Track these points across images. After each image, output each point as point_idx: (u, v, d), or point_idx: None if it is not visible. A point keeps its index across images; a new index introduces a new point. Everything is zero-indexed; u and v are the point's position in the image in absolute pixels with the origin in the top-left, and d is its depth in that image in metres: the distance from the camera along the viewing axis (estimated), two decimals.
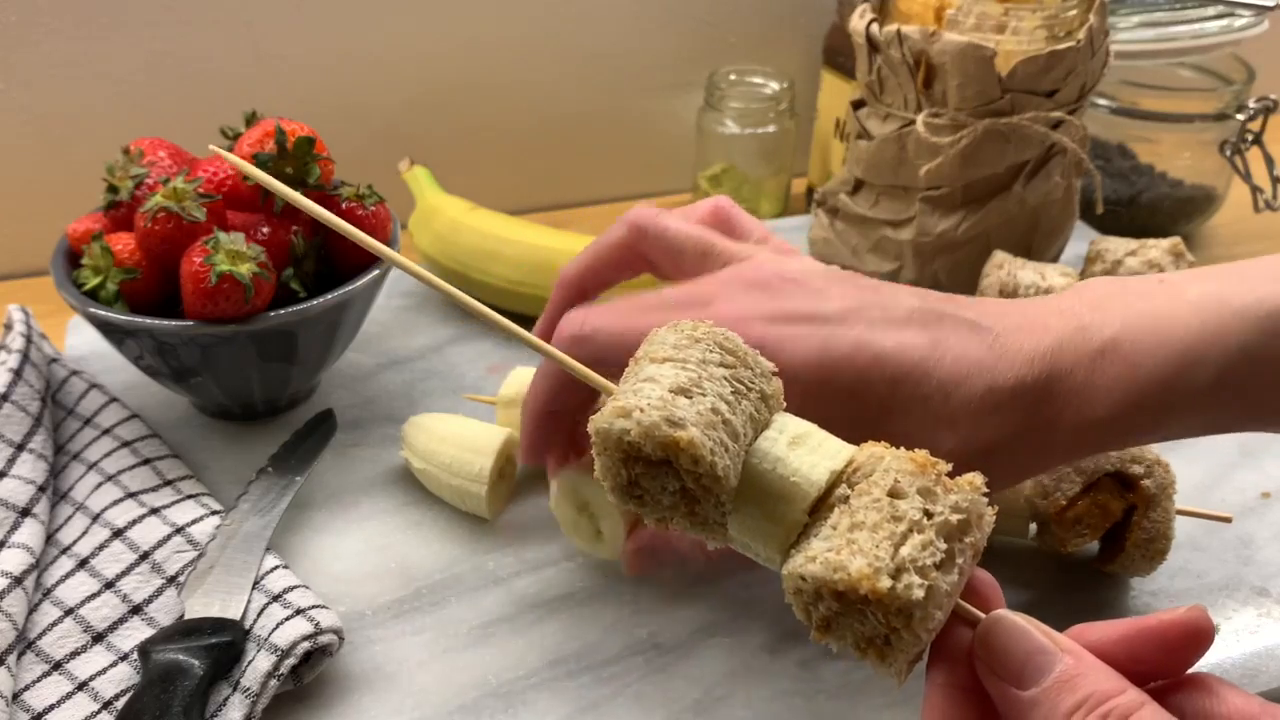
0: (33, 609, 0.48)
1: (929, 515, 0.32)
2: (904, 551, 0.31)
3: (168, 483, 0.54)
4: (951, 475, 0.33)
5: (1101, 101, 0.81)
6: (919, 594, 0.30)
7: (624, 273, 0.49)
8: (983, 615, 0.33)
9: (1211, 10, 0.78)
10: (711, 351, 0.35)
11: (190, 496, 0.53)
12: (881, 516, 0.32)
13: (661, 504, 0.34)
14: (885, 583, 0.30)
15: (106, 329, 0.54)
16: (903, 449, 0.33)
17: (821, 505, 0.33)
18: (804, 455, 0.34)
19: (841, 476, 0.33)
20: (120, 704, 0.44)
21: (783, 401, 0.36)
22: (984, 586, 0.34)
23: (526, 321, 0.70)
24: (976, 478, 0.33)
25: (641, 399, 0.33)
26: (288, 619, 0.45)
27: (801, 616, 0.33)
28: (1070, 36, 0.63)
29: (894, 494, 0.32)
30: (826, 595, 0.32)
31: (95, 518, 0.52)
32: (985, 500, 0.33)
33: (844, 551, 0.31)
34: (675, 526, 0.34)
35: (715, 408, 0.33)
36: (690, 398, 0.33)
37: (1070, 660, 0.31)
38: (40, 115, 0.75)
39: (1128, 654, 0.32)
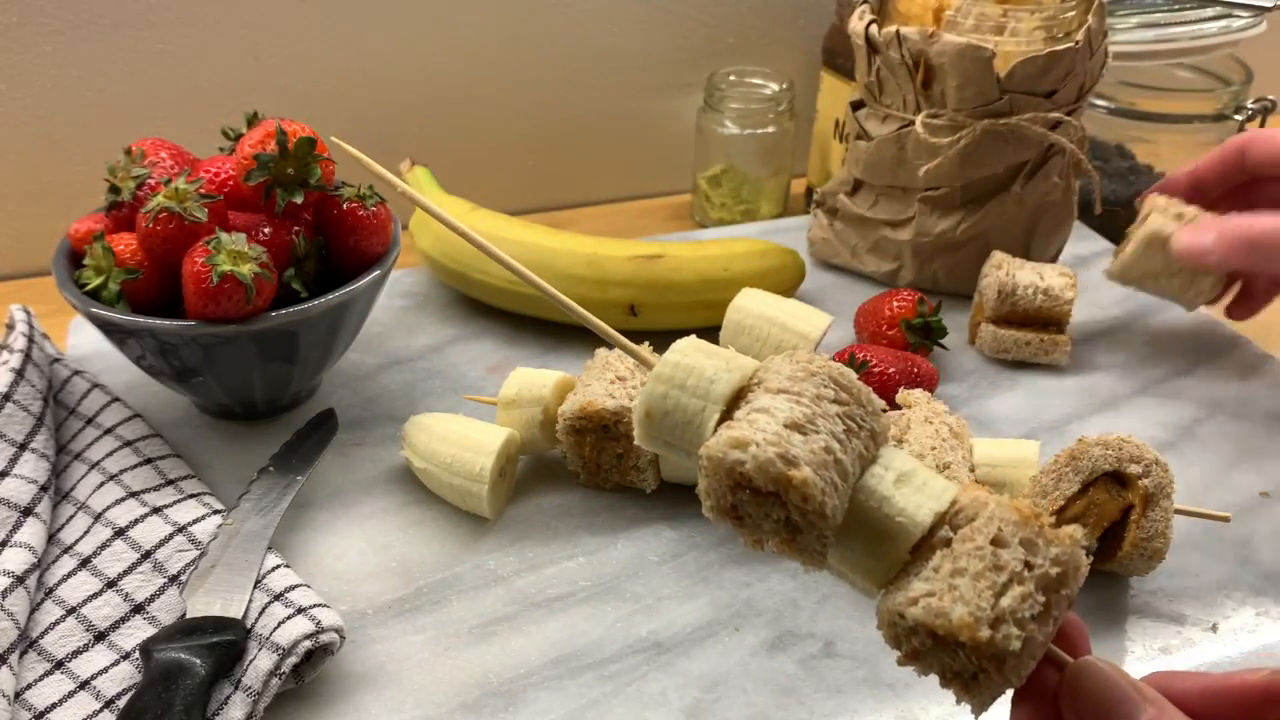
0: (35, 608, 0.48)
1: (1030, 566, 0.32)
2: (1004, 602, 0.31)
3: (169, 482, 0.54)
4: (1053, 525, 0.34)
5: (1100, 102, 0.82)
6: (1016, 645, 0.31)
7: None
8: (1070, 660, 0.34)
9: (1210, 11, 0.79)
10: (826, 387, 0.35)
11: (192, 496, 0.53)
12: (984, 565, 0.32)
13: (761, 528, 0.34)
14: (985, 633, 0.31)
15: (108, 329, 0.54)
16: (1006, 496, 0.34)
17: (923, 545, 0.34)
18: (909, 495, 0.34)
19: (944, 518, 0.34)
20: (122, 703, 0.44)
21: (889, 438, 0.36)
22: (1072, 630, 0.34)
23: (527, 321, 0.70)
24: (1076, 530, 0.33)
25: (757, 431, 0.33)
26: (289, 618, 0.45)
27: (890, 644, 0.34)
28: (1069, 37, 0.63)
29: (997, 542, 0.33)
30: (922, 633, 0.32)
31: (97, 517, 0.52)
32: (1084, 553, 0.33)
33: (946, 597, 0.32)
34: (772, 550, 0.35)
35: (828, 446, 0.33)
36: (804, 434, 0.33)
37: (1153, 711, 0.32)
38: (42, 115, 0.75)
39: (1209, 709, 0.33)
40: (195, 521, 0.51)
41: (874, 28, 0.65)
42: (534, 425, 0.57)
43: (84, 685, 0.45)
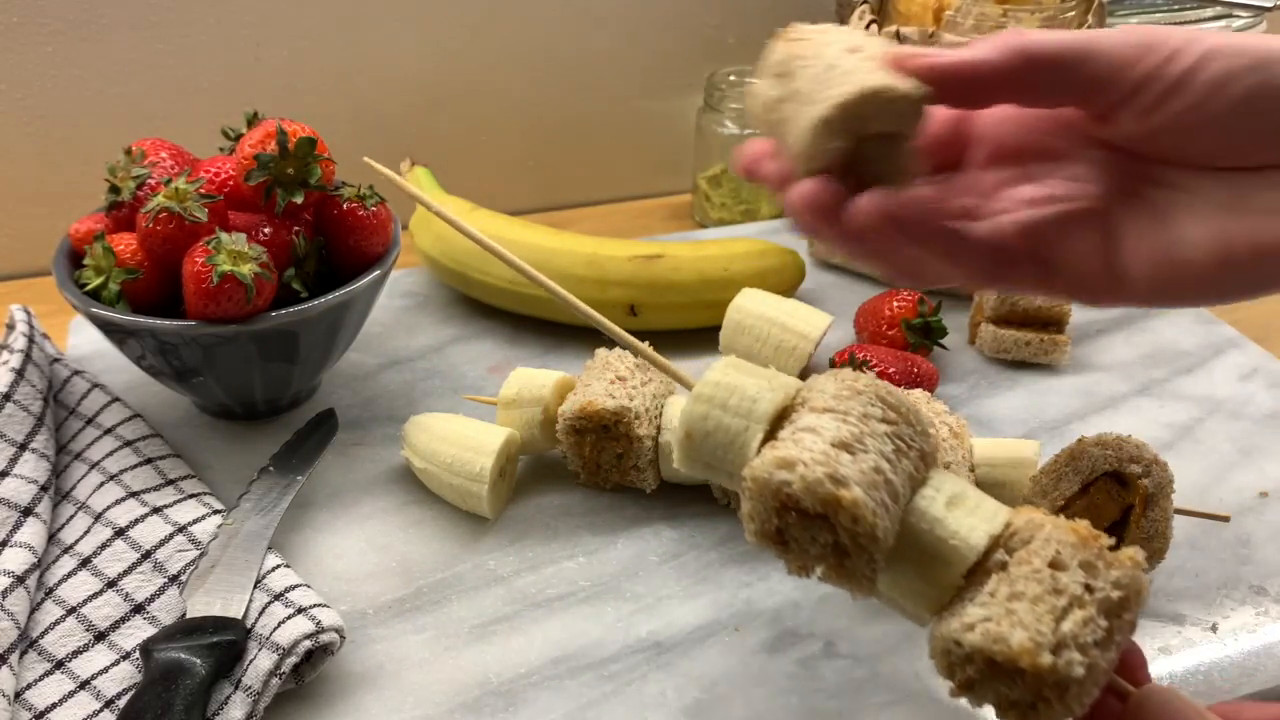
0: (35, 608, 0.48)
1: (1090, 590, 0.31)
2: (1065, 627, 0.30)
3: (169, 482, 0.54)
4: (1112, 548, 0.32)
5: None
6: (1079, 671, 0.30)
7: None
8: (1133, 689, 0.32)
9: (1209, 11, 0.79)
10: (873, 405, 0.34)
11: (192, 496, 0.53)
12: (1043, 588, 0.31)
13: (808, 553, 0.33)
14: (1047, 658, 0.30)
15: (108, 329, 0.54)
16: (1062, 518, 0.33)
17: (977, 569, 0.33)
18: (962, 517, 0.33)
19: (999, 541, 0.33)
20: (122, 703, 0.44)
21: (938, 459, 0.35)
22: (1132, 657, 0.33)
23: (527, 321, 0.70)
24: (1137, 553, 0.32)
25: (803, 451, 0.32)
26: (289, 618, 0.45)
27: (943, 674, 0.32)
28: None
29: (1055, 565, 0.31)
30: (978, 660, 0.31)
31: (97, 517, 0.52)
32: (1146, 576, 0.32)
33: (1004, 622, 0.30)
34: (819, 576, 0.34)
35: (878, 466, 0.32)
36: (853, 454, 0.32)
37: None
38: (42, 115, 0.75)
39: None
40: (195, 521, 0.51)
41: (874, 27, 0.65)
42: (534, 425, 0.57)
43: (84, 685, 0.45)
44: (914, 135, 0.36)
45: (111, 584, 0.49)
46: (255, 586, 0.48)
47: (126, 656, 0.46)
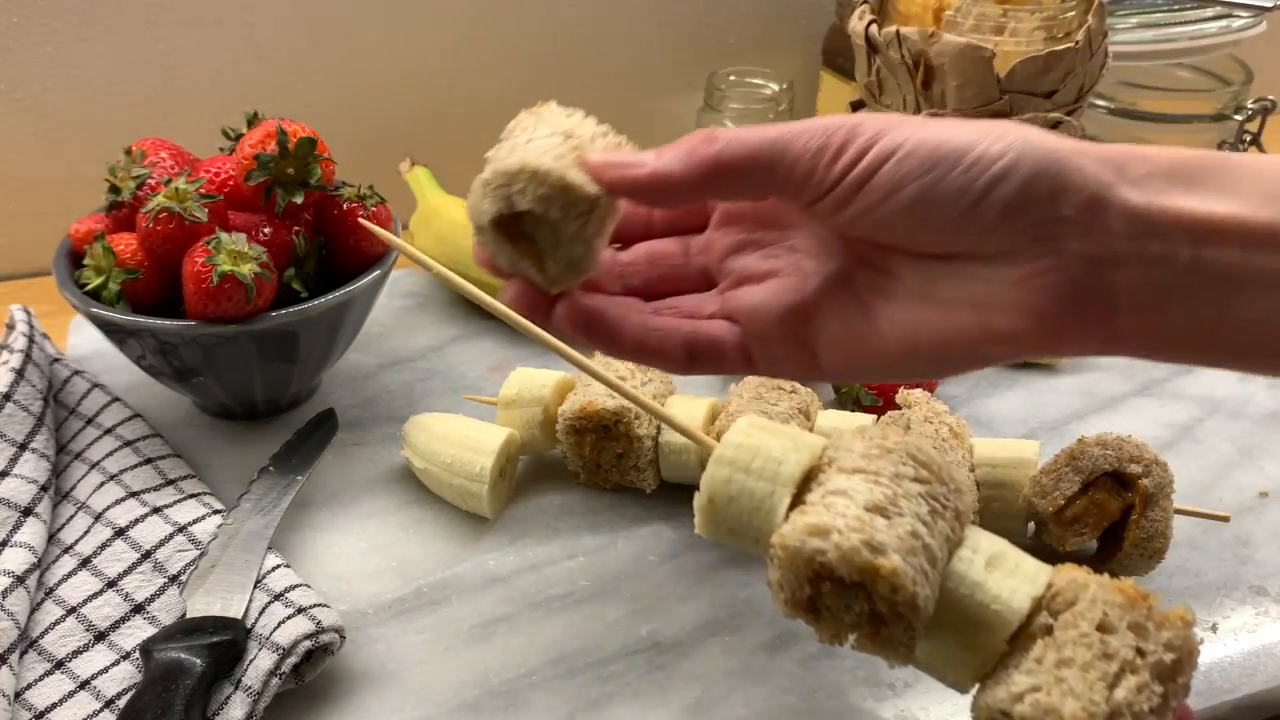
0: (35, 608, 0.48)
1: (1141, 654, 0.30)
2: (1119, 695, 0.29)
3: (169, 482, 0.54)
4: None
5: (1100, 102, 0.82)
6: None
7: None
8: None
9: (1210, 11, 0.79)
10: (905, 465, 0.33)
11: (192, 496, 0.53)
12: (1092, 654, 0.30)
13: (842, 621, 0.32)
14: None
15: (108, 329, 0.54)
16: (1106, 577, 0.32)
17: (1020, 633, 0.31)
18: (1002, 579, 0.32)
19: (1041, 603, 0.32)
20: (122, 703, 0.44)
21: (972, 516, 0.34)
22: (1182, 715, 0.32)
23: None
24: (1188, 613, 0.31)
25: (836, 516, 0.31)
26: (289, 618, 0.45)
27: None
28: (1069, 37, 0.63)
29: (1103, 628, 0.30)
30: None
31: (97, 517, 0.52)
32: (1196, 636, 0.31)
33: (1054, 691, 0.29)
34: (853, 645, 0.32)
35: (914, 530, 0.31)
36: (888, 518, 0.31)
37: None
38: (41, 115, 0.75)
39: None
40: (195, 521, 0.51)
41: (874, 28, 0.65)
42: (534, 425, 0.57)
43: (84, 685, 0.45)
44: (591, 230, 0.37)
45: (111, 584, 0.49)
46: (255, 586, 0.48)
47: (126, 656, 0.46)
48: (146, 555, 0.50)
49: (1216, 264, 0.34)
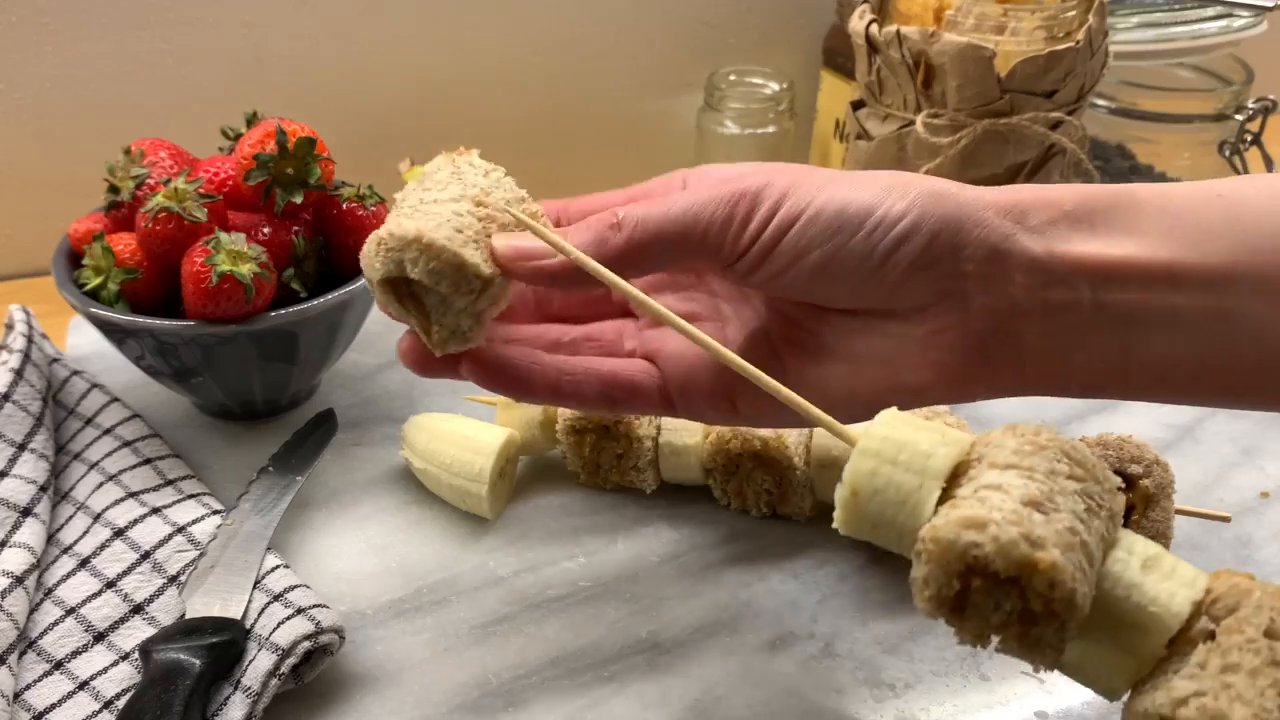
0: (34, 608, 0.48)
1: None
2: None
3: (169, 482, 0.54)
4: None
5: (1100, 102, 0.81)
6: None
7: None
8: None
9: (1210, 11, 0.78)
10: (1060, 462, 0.32)
11: (191, 496, 0.53)
12: (1261, 660, 0.29)
13: (988, 620, 0.31)
14: None
15: (108, 329, 0.54)
16: (1271, 584, 0.31)
17: (1179, 638, 0.31)
18: (1159, 582, 0.31)
19: (1201, 607, 0.31)
20: (121, 703, 0.44)
21: (1123, 519, 0.33)
22: None
23: None
24: None
25: (992, 510, 0.30)
26: (289, 618, 0.45)
27: None
28: (1069, 37, 0.63)
29: (1271, 635, 0.30)
30: None
31: (96, 517, 0.52)
32: None
33: (1222, 697, 0.28)
34: (997, 646, 0.31)
35: (1072, 527, 0.30)
36: (1045, 513, 0.30)
37: None
38: (41, 115, 0.75)
39: None
40: (195, 522, 0.51)
41: (874, 27, 0.65)
42: (534, 425, 0.57)
43: (83, 686, 0.45)
44: (482, 304, 0.37)
45: (111, 584, 0.49)
46: (254, 587, 0.48)
47: (126, 657, 0.46)
48: (146, 556, 0.50)
49: (1118, 306, 0.35)
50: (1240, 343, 0.35)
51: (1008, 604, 0.30)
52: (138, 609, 0.48)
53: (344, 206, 0.57)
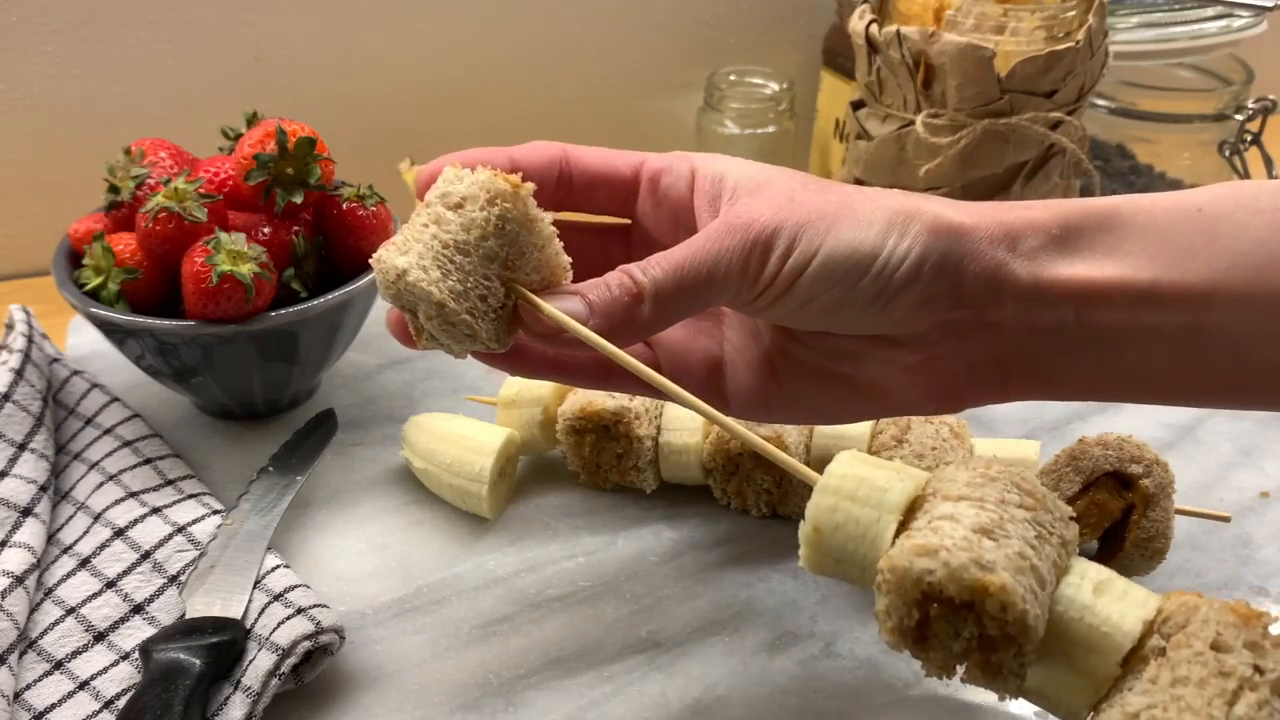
0: (34, 608, 0.48)
1: (1260, 671, 0.30)
2: (1238, 710, 0.29)
3: (169, 482, 0.54)
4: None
5: (1100, 102, 0.81)
6: None
7: None
8: None
9: (1210, 11, 0.78)
10: (1010, 491, 0.33)
11: (191, 496, 0.53)
12: (1208, 671, 0.30)
13: (950, 649, 0.32)
14: None
15: (108, 329, 0.54)
16: (1218, 599, 0.32)
17: (1133, 657, 0.32)
18: (1111, 603, 0.32)
19: (1152, 626, 0.32)
20: (121, 703, 0.44)
21: (1078, 547, 0.34)
22: None
23: None
24: None
25: (944, 538, 0.31)
26: (289, 618, 0.45)
27: None
28: (1069, 37, 0.63)
29: (1218, 647, 0.30)
30: None
31: (96, 517, 0.52)
32: None
33: (1171, 709, 0.29)
34: (962, 676, 0.32)
35: (1022, 552, 0.31)
36: (995, 540, 0.31)
37: None
38: (41, 115, 0.75)
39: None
40: (195, 522, 0.51)
41: (874, 27, 0.65)
42: (534, 425, 0.57)
43: (83, 685, 0.45)
44: (481, 347, 0.38)
45: (111, 584, 0.49)
46: (255, 587, 0.48)
47: (126, 657, 0.46)
48: (146, 555, 0.50)
49: (1101, 326, 0.37)
50: (1216, 354, 0.37)
51: (966, 630, 0.31)
52: (138, 609, 0.48)
53: (344, 206, 0.57)
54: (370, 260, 0.37)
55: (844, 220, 0.38)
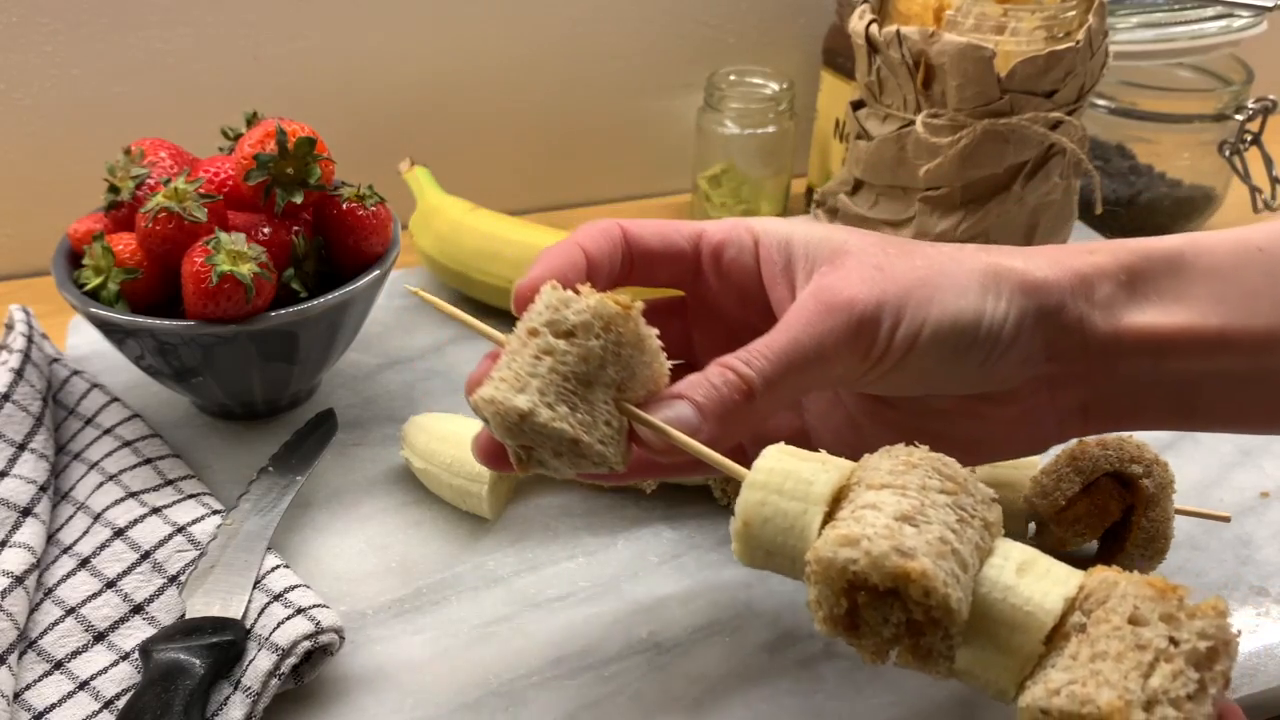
0: (34, 608, 0.48)
1: (1175, 643, 0.30)
2: (1154, 682, 0.30)
3: (169, 482, 0.54)
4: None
5: (1100, 102, 0.81)
6: None
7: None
8: None
9: (1210, 11, 0.78)
10: (931, 478, 0.34)
11: (191, 496, 0.53)
12: (1125, 645, 0.30)
13: (881, 635, 0.33)
14: (1139, 716, 0.29)
15: (108, 329, 0.54)
16: (1137, 574, 0.33)
17: (1055, 634, 0.32)
18: (1033, 583, 0.33)
19: (1074, 604, 0.32)
20: (121, 703, 0.44)
21: (1001, 529, 0.35)
22: (1232, 718, 0.32)
23: None
24: (1220, 602, 0.31)
25: (866, 527, 0.32)
26: (289, 618, 0.45)
27: None
28: (1069, 37, 0.63)
29: (1135, 621, 0.31)
30: None
31: (96, 517, 0.52)
32: (1231, 626, 0.31)
33: (1090, 683, 0.30)
34: (895, 660, 0.33)
35: (943, 536, 0.32)
36: (916, 526, 0.32)
37: None
38: (40, 115, 0.75)
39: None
40: (195, 522, 0.51)
41: (874, 27, 0.65)
42: None
43: (83, 685, 0.45)
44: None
45: (111, 584, 0.49)
46: (254, 587, 0.48)
47: (126, 657, 0.46)
48: (146, 555, 0.50)
49: (1176, 373, 0.39)
50: None
51: (894, 616, 0.32)
52: (138, 609, 0.48)
53: (344, 206, 0.57)
54: (472, 400, 0.36)
55: (943, 289, 0.38)
